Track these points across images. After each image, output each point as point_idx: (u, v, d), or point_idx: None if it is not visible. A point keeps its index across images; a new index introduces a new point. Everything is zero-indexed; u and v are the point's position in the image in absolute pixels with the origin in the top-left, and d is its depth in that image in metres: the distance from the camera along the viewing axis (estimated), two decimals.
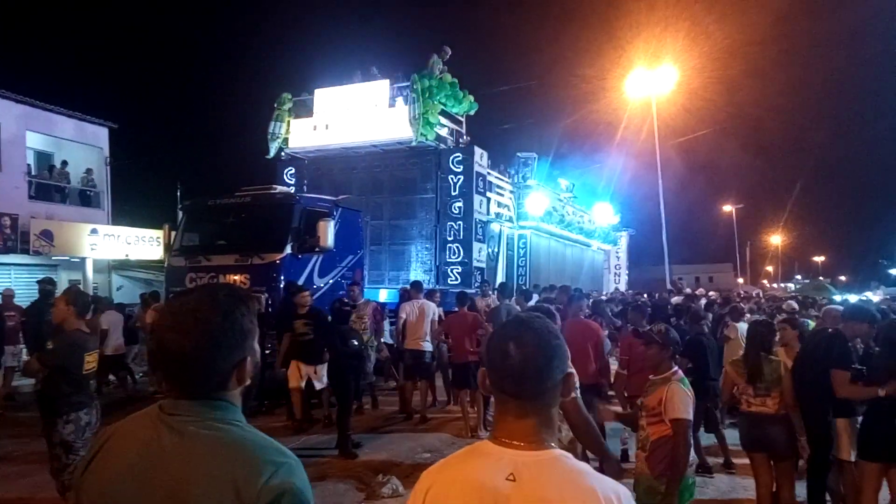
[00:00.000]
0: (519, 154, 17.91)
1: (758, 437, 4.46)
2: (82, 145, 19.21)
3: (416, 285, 9.30)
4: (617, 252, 27.52)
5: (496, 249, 15.23)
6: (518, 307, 8.55)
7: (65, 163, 18.70)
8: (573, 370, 1.41)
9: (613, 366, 6.81)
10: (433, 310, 8.82)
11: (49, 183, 18.09)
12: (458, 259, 13.11)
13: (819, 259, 72.50)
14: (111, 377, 11.58)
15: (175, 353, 1.30)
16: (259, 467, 1.24)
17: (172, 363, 1.32)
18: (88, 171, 19.20)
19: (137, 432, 1.32)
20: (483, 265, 13.76)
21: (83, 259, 16.92)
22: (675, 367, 3.62)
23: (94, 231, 16.97)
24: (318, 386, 7.92)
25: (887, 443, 4.16)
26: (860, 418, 4.47)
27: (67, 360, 4.46)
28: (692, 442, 3.54)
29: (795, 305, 11.49)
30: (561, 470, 1.28)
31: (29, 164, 17.70)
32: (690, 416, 3.44)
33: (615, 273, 27.29)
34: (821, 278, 41.72)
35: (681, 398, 3.43)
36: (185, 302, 1.36)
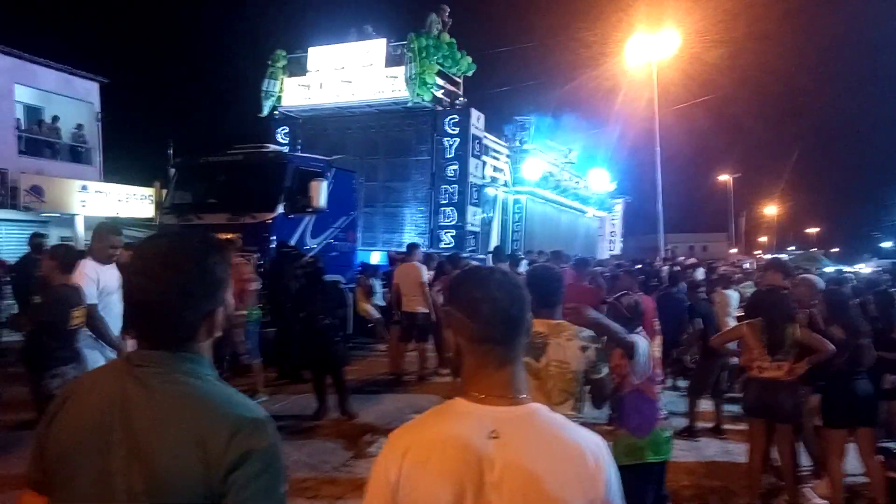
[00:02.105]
0: (516, 118, 17.70)
1: (767, 402, 4.43)
2: (73, 100, 18.89)
3: (410, 248, 9.25)
4: (612, 219, 27.46)
5: (491, 214, 15.16)
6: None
7: (56, 118, 18.39)
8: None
9: None
10: (424, 272, 8.81)
11: (39, 138, 17.83)
12: (452, 222, 13.06)
13: (813, 230, 72.69)
14: None
15: (141, 300, 1.24)
16: (226, 423, 1.18)
17: (138, 310, 1.25)
18: (79, 126, 18.92)
19: (102, 385, 1.26)
20: (477, 229, 13.72)
21: (73, 216, 16.78)
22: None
23: (84, 188, 16.81)
24: None
25: (849, 409, 4.26)
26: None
27: (54, 314, 4.45)
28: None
29: None
30: (541, 425, 1.29)
31: (18, 119, 17.41)
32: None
33: (610, 240, 27.29)
34: (814, 249, 41.87)
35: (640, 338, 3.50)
36: (155, 245, 1.29)
